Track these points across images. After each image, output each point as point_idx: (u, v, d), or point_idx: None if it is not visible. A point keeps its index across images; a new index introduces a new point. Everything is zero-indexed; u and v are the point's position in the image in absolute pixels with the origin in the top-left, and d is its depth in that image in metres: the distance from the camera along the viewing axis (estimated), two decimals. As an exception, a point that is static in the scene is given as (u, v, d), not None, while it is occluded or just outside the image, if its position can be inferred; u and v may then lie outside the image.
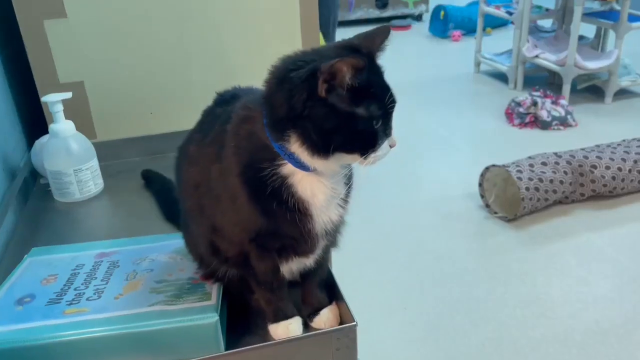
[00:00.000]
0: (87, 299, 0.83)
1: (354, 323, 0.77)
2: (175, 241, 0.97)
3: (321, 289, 0.84)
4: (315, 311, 0.82)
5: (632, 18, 3.94)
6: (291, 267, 0.80)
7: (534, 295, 2.30)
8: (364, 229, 2.82)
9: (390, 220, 2.93)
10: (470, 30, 5.97)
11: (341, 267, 0.91)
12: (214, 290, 0.83)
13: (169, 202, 1.16)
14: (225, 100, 0.84)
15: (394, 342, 2.11)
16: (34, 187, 1.30)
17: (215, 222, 0.77)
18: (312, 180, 0.71)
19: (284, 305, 0.80)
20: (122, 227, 1.16)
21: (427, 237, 2.74)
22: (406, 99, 4.51)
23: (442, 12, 6.11)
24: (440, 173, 3.35)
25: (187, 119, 0.78)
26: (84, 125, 1.40)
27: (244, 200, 0.71)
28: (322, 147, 0.65)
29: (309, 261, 0.80)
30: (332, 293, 0.84)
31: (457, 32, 6.01)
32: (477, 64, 4.93)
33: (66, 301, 0.82)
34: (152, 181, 1.25)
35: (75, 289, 0.86)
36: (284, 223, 0.71)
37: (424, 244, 2.69)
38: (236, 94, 0.83)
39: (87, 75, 1.39)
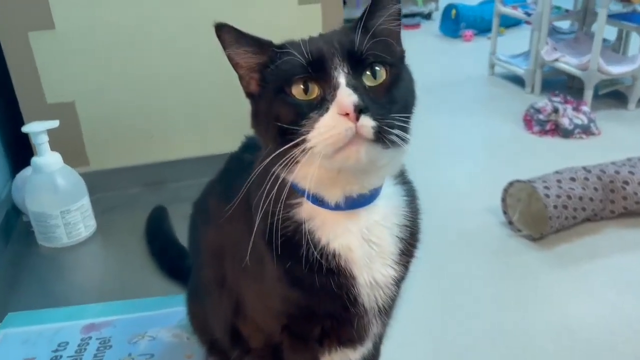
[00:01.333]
0: (69, 402, 0.65)
1: None
2: (180, 308, 0.80)
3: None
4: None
5: (658, 20, 3.75)
6: None
7: (566, 324, 2.12)
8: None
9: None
10: (482, 30, 5.78)
11: None
12: (230, 392, 0.66)
13: (168, 251, 0.99)
14: (256, 144, 0.66)
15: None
16: (15, 226, 1.13)
17: (239, 300, 0.61)
18: (337, 222, 0.54)
19: None
20: (116, 280, 0.99)
21: (447, 257, 2.56)
22: (419, 105, 4.33)
23: (453, 11, 5.92)
24: (456, 185, 3.17)
25: (192, 145, 0.63)
26: (75, 152, 1.22)
27: (271, 266, 0.55)
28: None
29: (356, 355, 0.61)
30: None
31: (469, 32, 5.82)
32: (492, 66, 4.74)
33: (42, 406, 0.65)
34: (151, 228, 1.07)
35: (54, 385, 0.68)
36: (318, 292, 0.55)
37: (445, 266, 2.51)
38: None
39: (79, 95, 1.21)
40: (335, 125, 0.46)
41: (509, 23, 5.83)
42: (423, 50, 5.70)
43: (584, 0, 4.21)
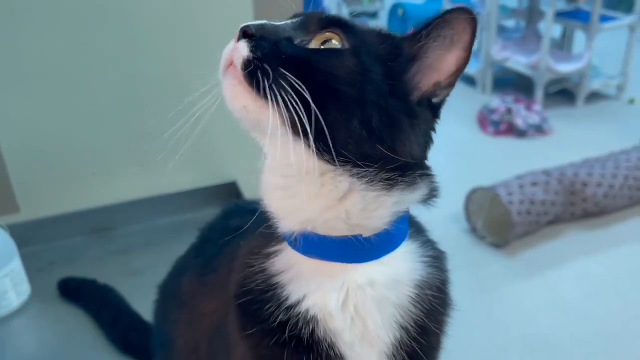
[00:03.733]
0: None
1: None
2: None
3: None
4: None
5: (602, 18, 3.82)
6: None
7: (540, 338, 2.08)
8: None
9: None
10: (429, 29, 5.78)
11: None
12: None
13: (115, 317, 0.84)
14: (239, 211, 0.53)
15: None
16: None
17: None
18: (315, 273, 0.43)
19: None
20: (55, 358, 0.83)
21: (413, 270, 2.49)
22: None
23: (400, 10, 5.89)
24: (417, 190, 3.11)
25: (141, 183, 0.48)
26: (1, 199, 1.04)
27: (235, 338, 0.44)
28: None
29: None
30: None
31: (416, 31, 5.81)
32: (442, 66, 4.73)
33: None
34: (81, 294, 0.91)
35: None
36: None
37: (410, 279, 2.44)
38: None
39: (2, 134, 1.03)
40: (227, 47, 0.41)
41: (455, 21, 5.87)
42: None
43: (529, -2, 4.26)
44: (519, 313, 2.21)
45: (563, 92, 4.12)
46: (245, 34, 0.39)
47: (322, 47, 0.41)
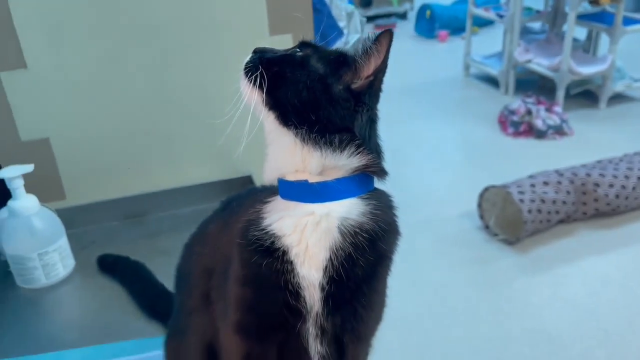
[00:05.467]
0: None
1: None
2: (158, 352, 0.81)
3: None
4: None
5: (627, 21, 3.83)
6: None
7: (543, 331, 2.17)
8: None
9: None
10: (456, 30, 5.84)
11: None
12: None
13: (143, 288, 1.00)
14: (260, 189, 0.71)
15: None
16: (-6, 266, 1.13)
17: (217, 316, 0.65)
18: (282, 208, 0.61)
19: None
20: (96, 320, 1.00)
21: (424, 265, 2.60)
22: (392, 106, 4.36)
23: (428, 12, 5.97)
24: (433, 189, 3.21)
25: (168, 176, 0.64)
26: (51, 188, 1.23)
27: (235, 262, 0.61)
28: None
29: None
30: None
31: (443, 32, 5.87)
32: (467, 67, 4.80)
33: None
34: (116, 269, 1.08)
35: None
36: (264, 285, 0.59)
37: (421, 274, 2.55)
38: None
39: (53, 131, 1.21)
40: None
41: (482, 22, 5.91)
42: (399, 51, 5.72)
43: (554, 1, 4.29)
44: (525, 307, 2.30)
45: (586, 94, 4.14)
46: (254, 51, 0.65)
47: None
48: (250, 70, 0.62)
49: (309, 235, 0.59)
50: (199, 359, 0.69)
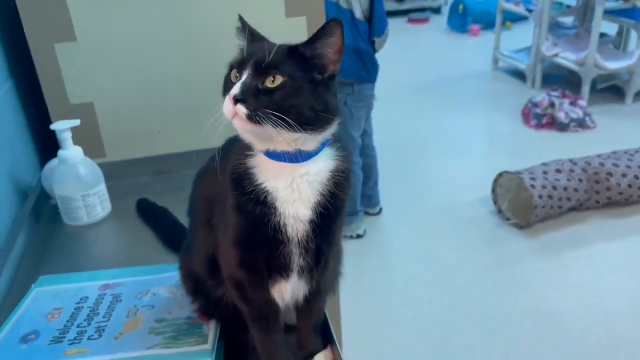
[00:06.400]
0: (89, 338, 0.85)
1: (345, 370, 0.78)
2: (177, 274, 0.99)
3: (316, 332, 0.85)
4: (310, 355, 0.83)
5: (656, 17, 3.85)
6: (283, 294, 0.80)
7: (545, 308, 2.28)
8: (371, 234, 2.82)
9: (399, 226, 2.93)
10: (489, 24, 5.88)
11: (349, 274, 0.91)
12: (211, 332, 0.85)
13: (167, 229, 1.18)
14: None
15: (401, 352, 2.12)
16: (45, 207, 1.33)
17: (218, 234, 0.80)
18: (273, 170, 0.73)
19: (279, 350, 0.81)
20: (127, 253, 1.19)
21: (437, 245, 2.74)
22: (421, 97, 4.50)
23: (460, 6, 6.03)
24: (453, 176, 3.33)
25: (192, 140, 0.78)
26: (94, 145, 1.42)
27: (231, 199, 0.74)
28: None
29: (288, 287, 0.79)
30: (326, 337, 0.85)
31: (475, 27, 5.93)
32: (495, 61, 4.86)
33: (68, 340, 0.85)
34: (147, 212, 1.26)
35: (77, 326, 0.88)
36: (256, 218, 0.73)
37: (433, 252, 2.69)
38: None
39: (97, 97, 1.41)
40: (226, 106, 0.69)
41: (516, 17, 5.94)
42: (431, 45, 5.83)
43: (584, -4, 4.32)
44: (530, 287, 2.41)
45: (613, 89, 4.17)
46: (237, 100, 0.68)
47: (274, 84, 0.68)
48: (256, 116, 0.67)
49: (304, 188, 0.73)
50: (204, 266, 0.86)
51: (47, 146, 1.46)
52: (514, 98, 4.25)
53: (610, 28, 4.37)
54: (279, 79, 0.68)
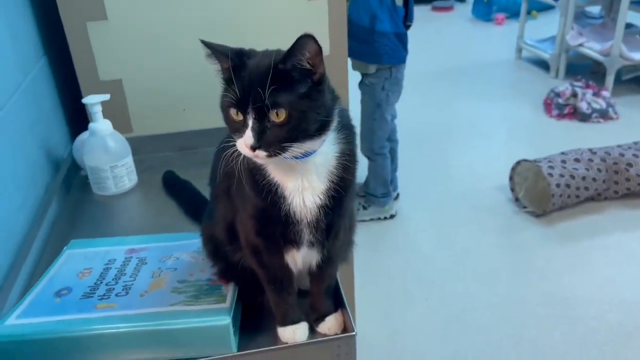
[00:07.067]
0: (116, 295, 0.92)
1: (354, 333, 0.83)
2: (198, 241, 1.05)
3: (328, 296, 0.90)
4: (321, 317, 0.88)
5: (685, 7, 3.78)
6: (296, 262, 0.85)
7: (559, 294, 2.31)
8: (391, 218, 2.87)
9: (417, 210, 2.97)
10: (514, 13, 5.82)
11: (365, 255, 0.96)
12: (229, 293, 0.90)
13: (190, 200, 1.24)
14: None
15: (413, 332, 2.17)
16: (75, 178, 1.40)
17: (237, 205, 0.85)
18: (282, 167, 0.77)
19: (292, 310, 0.87)
20: (152, 222, 1.25)
21: (453, 229, 2.77)
22: (443, 85, 4.50)
23: (486, -5, 5.98)
24: (473, 163, 3.35)
25: (215, 118, 0.83)
26: (122, 120, 1.49)
27: (248, 181, 0.79)
28: None
29: (300, 255, 0.84)
30: (337, 302, 0.91)
31: (500, 16, 5.88)
32: (519, 50, 4.83)
33: (98, 296, 0.91)
34: (171, 184, 1.32)
35: (106, 284, 0.95)
36: (268, 203, 0.78)
37: (450, 236, 2.72)
38: None
39: (125, 74, 1.47)
40: (244, 150, 0.73)
41: (542, 6, 5.86)
42: (455, 34, 5.80)
43: (612, -15, 4.26)
44: (545, 273, 2.43)
45: (638, 81, 4.11)
46: (253, 148, 0.71)
47: (280, 119, 0.70)
48: (274, 153, 0.71)
49: (312, 179, 0.77)
50: (223, 233, 0.91)
51: (77, 121, 1.53)
52: (536, 87, 4.23)
53: (637, 18, 4.31)
54: (283, 113, 0.70)
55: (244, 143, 0.71)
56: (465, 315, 2.23)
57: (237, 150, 0.74)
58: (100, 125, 1.27)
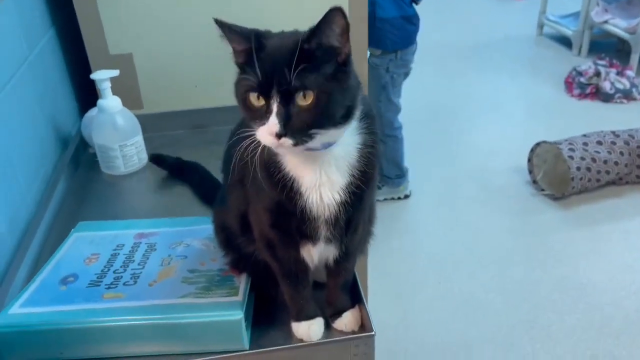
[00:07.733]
0: (124, 284, 0.88)
1: (372, 333, 0.79)
2: (209, 227, 1.01)
3: (345, 291, 0.86)
4: (338, 313, 0.84)
5: None
6: (312, 256, 0.81)
7: (575, 279, 2.26)
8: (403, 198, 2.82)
9: (431, 190, 2.91)
10: (536, -13, 5.65)
11: (376, 235, 0.92)
12: (242, 285, 0.87)
13: (201, 183, 1.20)
14: None
15: (425, 315, 2.14)
16: (84, 156, 1.36)
17: (251, 196, 0.81)
18: (298, 159, 0.72)
19: (307, 305, 0.83)
20: (161, 203, 1.21)
21: (468, 210, 2.71)
22: (462, 62, 4.39)
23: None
24: (489, 143, 3.27)
25: (227, 96, 0.77)
26: (132, 97, 1.44)
27: (262, 174, 0.74)
28: None
29: (315, 250, 0.80)
30: (355, 297, 0.86)
31: (522, -11, 5.70)
32: (540, 26, 4.69)
33: (105, 284, 0.88)
34: (179, 167, 1.27)
35: (114, 272, 0.91)
36: (284, 197, 0.74)
37: (464, 218, 2.67)
38: None
39: (136, 49, 1.41)
40: (267, 138, 0.66)
41: (566, -20, 5.68)
42: (475, 9, 5.63)
43: (641, -41, 4.08)
44: (561, 257, 2.38)
45: (665, 60, 3.98)
46: (279, 136, 0.65)
47: (307, 101, 0.64)
48: (300, 142, 0.66)
49: (332, 173, 0.72)
50: (236, 224, 0.87)
51: (86, 97, 1.48)
52: (557, 65, 4.11)
53: (667, -6, 4.14)
54: (311, 95, 0.64)
55: (268, 131, 0.65)
56: (477, 298, 2.19)
57: (254, 141, 0.68)
58: (110, 102, 1.23)
